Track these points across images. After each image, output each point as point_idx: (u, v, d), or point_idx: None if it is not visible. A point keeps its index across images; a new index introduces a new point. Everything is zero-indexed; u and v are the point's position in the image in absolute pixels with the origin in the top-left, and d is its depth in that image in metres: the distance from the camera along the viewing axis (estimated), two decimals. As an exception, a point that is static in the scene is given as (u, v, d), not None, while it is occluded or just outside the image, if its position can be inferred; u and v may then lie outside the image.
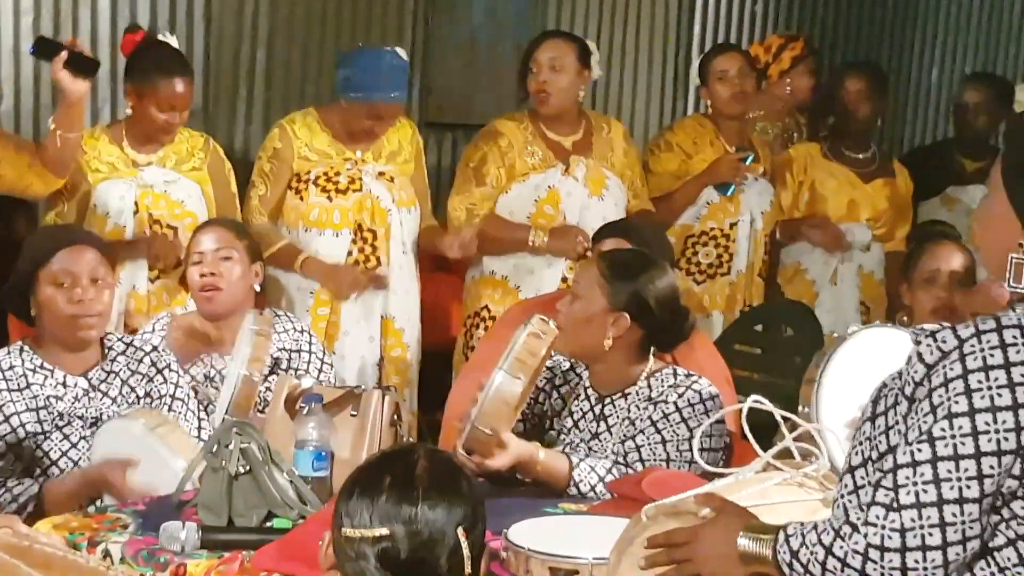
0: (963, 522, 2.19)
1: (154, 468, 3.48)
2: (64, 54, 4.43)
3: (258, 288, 4.54)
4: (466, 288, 5.41)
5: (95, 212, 4.84)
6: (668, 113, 7.71)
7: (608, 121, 5.57)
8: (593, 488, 3.60)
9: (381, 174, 5.11)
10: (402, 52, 5.15)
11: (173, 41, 5.02)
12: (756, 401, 3.14)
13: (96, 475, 3.55)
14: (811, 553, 2.28)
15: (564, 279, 5.20)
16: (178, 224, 4.89)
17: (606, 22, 7.35)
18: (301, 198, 5.05)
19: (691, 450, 3.58)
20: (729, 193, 5.56)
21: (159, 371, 3.95)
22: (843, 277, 5.79)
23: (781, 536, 2.37)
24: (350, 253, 5.08)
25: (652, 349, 3.83)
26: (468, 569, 2.38)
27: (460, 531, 2.37)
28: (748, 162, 5.56)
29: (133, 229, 4.83)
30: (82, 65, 4.48)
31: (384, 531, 2.35)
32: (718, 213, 5.61)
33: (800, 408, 3.36)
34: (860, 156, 5.92)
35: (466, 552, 2.37)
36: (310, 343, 4.46)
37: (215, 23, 6.17)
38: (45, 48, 4.53)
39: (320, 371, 4.38)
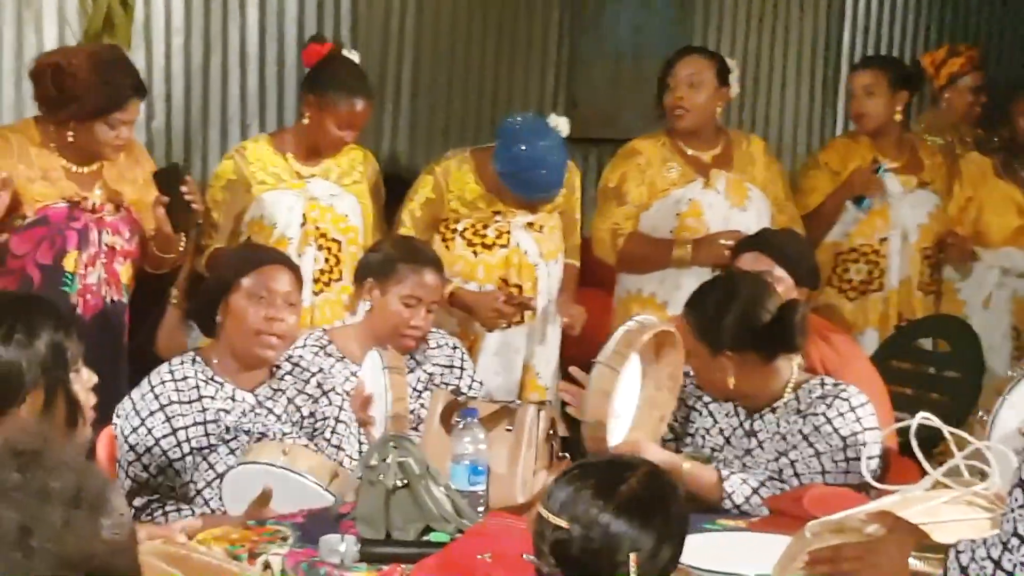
0: None
1: (294, 495, 3.49)
2: (166, 199, 4.41)
3: None
4: (614, 308, 5.37)
5: (260, 222, 4.84)
6: (816, 128, 7.63)
7: (747, 136, 5.52)
8: (748, 499, 3.58)
9: (530, 224, 5.08)
10: (563, 127, 5.02)
11: (355, 58, 4.98)
12: (925, 418, 3.07)
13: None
14: (980, 568, 2.26)
15: None
16: (342, 238, 4.89)
17: (752, 36, 7.30)
18: (447, 247, 5.01)
19: (846, 460, 3.56)
20: (863, 205, 5.45)
21: (324, 393, 3.96)
22: (997, 302, 5.67)
23: (952, 553, 2.35)
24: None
25: (797, 359, 3.78)
26: None
27: (632, 555, 2.35)
28: (881, 172, 5.44)
29: (299, 241, 4.81)
30: (177, 217, 4.45)
31: (564, 523, 2.36)
32: (867, 229, 5.53)
33: (978, 413, 3.31)
34: None
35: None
36: (462, 359, 4.47)
37: (361, 40, 6.21)
38: (163, 180, 4.48)
39: (470, 388, 4.38)
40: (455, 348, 4.49)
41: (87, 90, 4.33)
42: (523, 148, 4.95)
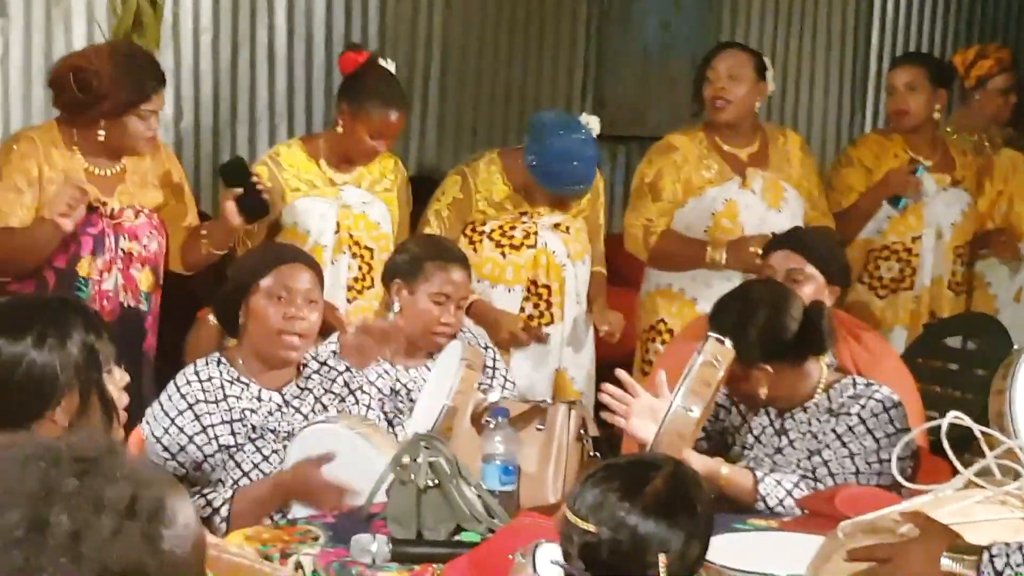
0: None
1: (358, 464, 3.46)
2: (239, 191, 4.43)
3: None
4: (641, 302, 5.35)
5: (294, 229, 4.81)
6: (845, 124, 7.61)
7: (784, 132, 5.48)
8: (781, 502, 3.56)
9: (556, 225, 5.08)
10: (594, 126, 5.03)
11: (391, 67, 4.94)
12: (956, 417, 3.05)
13: (289, 478, 3.54)
14: (1015, 573, 2.24)
15: None
16: (374, 245, 4.87)
17: (781, 33, 7.29)
18: (475, 250, 4.99)
19: (879, 461, 3.54)
20: (900, 206, 5.43)
21: (351, 392, 3.96)
22: None
23: (985, 556, 2.33)
24: (523, 309, 5.03)
25: (826, 359, 3.77)
26: None
27: (661, 556, 2.33)
28: (920, 173, 5.42)
29: (332, 249, 4.79)
30: (251, 209, 4.47)
31: (591, 527, 2.35)
32: (900, 227, 5.50)
33: (991, 419, 3.29)
34: None
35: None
36: (495, 359, 4.46)
37: (389, 38, 6.22)
38: (232, 173, 4.52)
39: (503, 388, 4.37)
40: (486, 348, 4.48)
41: (114, 86, 4.33)
42: (555, 141, 4.96)
